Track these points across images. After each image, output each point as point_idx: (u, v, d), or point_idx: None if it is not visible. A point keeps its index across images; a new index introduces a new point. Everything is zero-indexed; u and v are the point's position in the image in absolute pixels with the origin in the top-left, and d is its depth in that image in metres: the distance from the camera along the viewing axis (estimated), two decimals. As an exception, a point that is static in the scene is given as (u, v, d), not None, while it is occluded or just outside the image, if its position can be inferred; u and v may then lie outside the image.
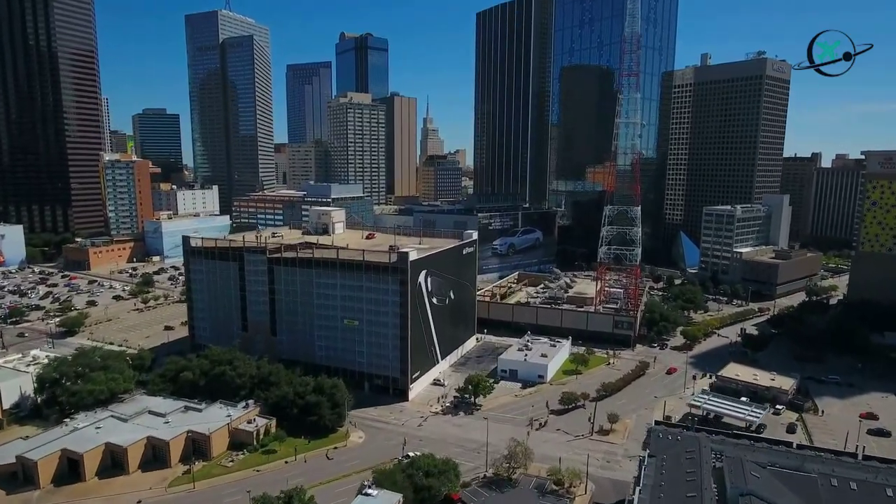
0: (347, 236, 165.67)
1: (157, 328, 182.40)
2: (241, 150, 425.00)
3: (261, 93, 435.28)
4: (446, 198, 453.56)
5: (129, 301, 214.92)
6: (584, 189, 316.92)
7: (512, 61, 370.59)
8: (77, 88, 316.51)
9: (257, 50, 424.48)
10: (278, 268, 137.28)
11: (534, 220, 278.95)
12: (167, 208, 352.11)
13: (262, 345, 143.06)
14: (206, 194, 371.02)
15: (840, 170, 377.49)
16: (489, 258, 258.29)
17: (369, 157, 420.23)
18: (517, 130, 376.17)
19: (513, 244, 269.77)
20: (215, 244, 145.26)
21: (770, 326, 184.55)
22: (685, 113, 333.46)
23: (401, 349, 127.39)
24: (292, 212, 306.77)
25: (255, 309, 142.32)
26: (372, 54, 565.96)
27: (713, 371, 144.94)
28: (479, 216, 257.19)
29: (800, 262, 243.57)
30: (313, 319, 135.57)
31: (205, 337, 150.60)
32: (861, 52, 36.98)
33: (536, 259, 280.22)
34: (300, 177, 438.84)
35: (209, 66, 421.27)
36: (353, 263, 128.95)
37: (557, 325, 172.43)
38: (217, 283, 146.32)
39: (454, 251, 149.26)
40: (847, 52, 37.29)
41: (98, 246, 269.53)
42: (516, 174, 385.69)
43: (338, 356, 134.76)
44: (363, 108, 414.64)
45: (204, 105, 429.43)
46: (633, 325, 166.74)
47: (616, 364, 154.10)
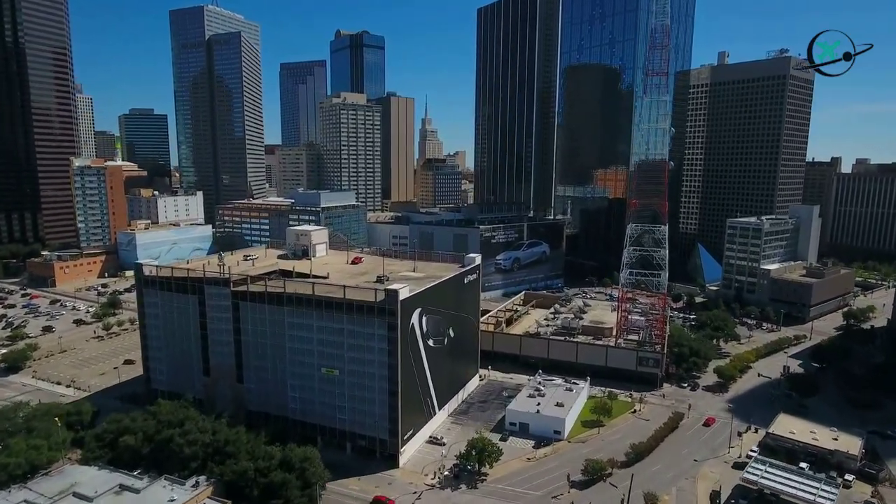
0: (330, 260, 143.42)
1: (117, 361, 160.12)
2: (229, 153, 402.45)
3: (250, 92, 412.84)
4: (445, 203, 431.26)
5: (91, 325, 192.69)
6: (593, 195, 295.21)
7: (515, 59, 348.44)
8: (48, 88, 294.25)
9: (246, 47, 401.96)
10: (244, 303, 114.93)
11: (540, 232, 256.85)
12: (147, 216, 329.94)
13: (228, 393, 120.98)
14: (189, 201, 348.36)
15: (861, 175, 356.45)
16: (492, 274, 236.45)
17: (364, 161, 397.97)
18: (520, 132, 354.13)
19: (518, 259, 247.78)
20: (171, 273, 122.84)
21: (812, 360, 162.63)
22: (701, 115, 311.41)
23: (389, 406, 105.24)
24: (279, 221, 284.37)
25: (219, 351, 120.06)
26: (368, 52, 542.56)
27: (759, 423, 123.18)
28: (481, 229, 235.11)
29: (834, 280, 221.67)
30: (286, 366, 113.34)
31: (162, 381, 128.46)
32: (861, 52, 36.42)
33: (542, 274, 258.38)
34: (291, 182, 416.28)
35: (195, 64, 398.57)
36: (332, 301, 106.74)
37: (572, 361, 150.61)
38: (174, 320, 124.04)
39: (454, 281, 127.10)
40: (847, 52, 36.87)
41: (65, 260, 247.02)
42: (519, 178, 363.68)
43: (315, 410, 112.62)
44: (357, 108, 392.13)
45: (190, 105, 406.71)
46: (661, 361, 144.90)
47: (643, 411, 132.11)
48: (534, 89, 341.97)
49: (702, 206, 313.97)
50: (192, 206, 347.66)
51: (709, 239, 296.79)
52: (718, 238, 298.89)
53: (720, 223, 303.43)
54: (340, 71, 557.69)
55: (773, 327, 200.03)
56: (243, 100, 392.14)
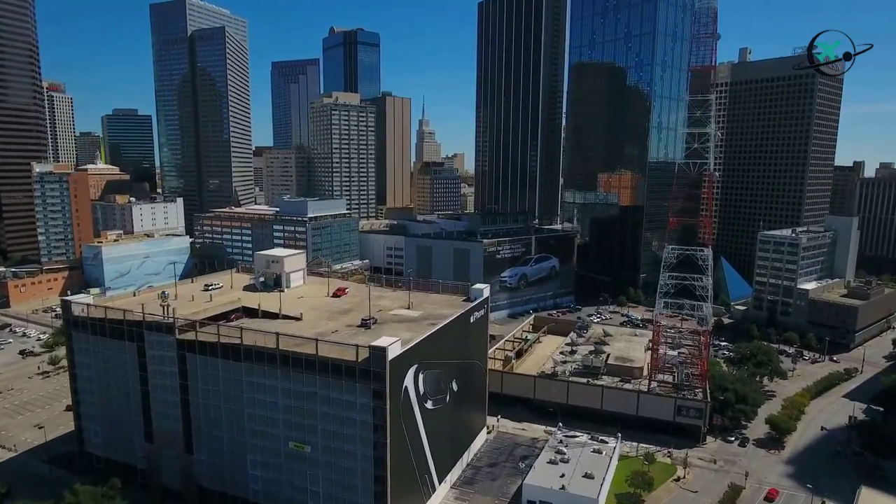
0: (308, 292, 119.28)
1: (59, 407, 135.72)
2: (214, 156, 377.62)
3: (237, 91, 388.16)
4: (444, 209, 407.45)
5: (40, 357, 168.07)
6: (605, 202, 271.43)
7: (519, 56, 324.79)
8: (14, 88, 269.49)
9: (232, 43, 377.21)
10: (192, 356, 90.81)
11: (549, 245, 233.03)
12: (122, 226, 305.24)
13: (175, 464, 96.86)
14: (168, 208, 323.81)
15: (886, 180, 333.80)
16: (497, 293, 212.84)
17: (357, 164, 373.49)
18: (524, 134, 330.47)
19: (525, 275, 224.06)
20: (105, 314, 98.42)
21: (877, 403, 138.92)
22: (720, 116, 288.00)
23: (375, 494, 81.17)
24: (263, 232, 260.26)
25: (163, 413, 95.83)
26: (362, 50, 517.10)
27: (833, 497, 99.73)
28: (485, 243, 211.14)
29: (879, 301, 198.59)
30: (245, 437, 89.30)
31: (97, 445, 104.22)
32: (861, 53, 36.00)
33: (552, 291, 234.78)
34: (280, 188, 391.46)
35: (177, 61, 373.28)
36: (302, 358, 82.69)
37: (596, 408, 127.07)
38: (110, 372, 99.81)
39: (458, 322, 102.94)
40: (847, 51, 36.56)
41: (21, 277, 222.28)
42: (523, 183, 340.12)
43: (281, 493, 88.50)
44: (350, 109, 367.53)
45: (172, 105, 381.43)
46: (704, 411, 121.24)
47: (689, 478, 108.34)
48: (539, 87, 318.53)
49: (721, 215, 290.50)
50: (172, 214, 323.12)
51: (729, 251, 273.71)
52: (740, 251, 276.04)
53: (741, 235, 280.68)
54: (334, 70, 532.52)
55: (816, 356, 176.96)
56: (228, 99, 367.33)
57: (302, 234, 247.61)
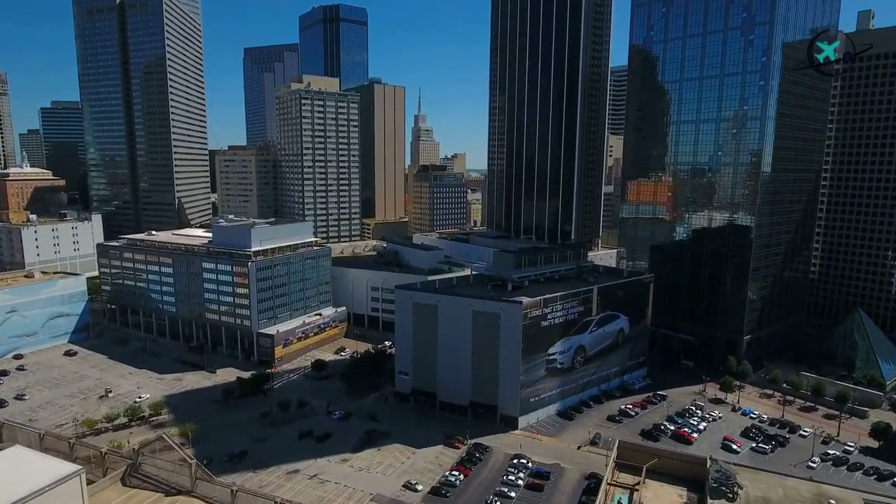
0: None
1: None
2: (152, 159, 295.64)
3: (183, 76, 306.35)
4: (446, 223, 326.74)
5: None
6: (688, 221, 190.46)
7: (549, 35, 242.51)
8: None
9: (174, 14, 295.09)
10: None
11: (616, 298, 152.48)
12: (9, 257, 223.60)
13: None
14: (79, 230, 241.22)
15: None
16: (541, 379, 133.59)
17: (337, 168, 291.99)
18: (555, 131, 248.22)
19: (583, 347, 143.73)
20: None
21: None
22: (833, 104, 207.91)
23: None
24: (189, 268, 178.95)
25: None
26: (345, 28, 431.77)
27: None
28: (525, 304, 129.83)
29: None
30: None
31: None
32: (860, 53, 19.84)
33: (618, 366, 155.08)
34: (237, 198, 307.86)
35: (104, 36, 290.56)
36: None
37: None
38: None
39: None
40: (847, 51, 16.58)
41: None
42: (554, 193, 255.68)
43: None
44: (327, 97, 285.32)
45: (98, 93, 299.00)
46: None
47: None
48: (577, 75, 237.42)
49: (825, 238, 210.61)
50: (84, 238, 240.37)
51: (845, 291, 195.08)
52: (869, 292, 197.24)
53: (865, 269, 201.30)
54: (312, 53, 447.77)
55: None
56: (168, 85, 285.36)
57: (242, 274, 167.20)
